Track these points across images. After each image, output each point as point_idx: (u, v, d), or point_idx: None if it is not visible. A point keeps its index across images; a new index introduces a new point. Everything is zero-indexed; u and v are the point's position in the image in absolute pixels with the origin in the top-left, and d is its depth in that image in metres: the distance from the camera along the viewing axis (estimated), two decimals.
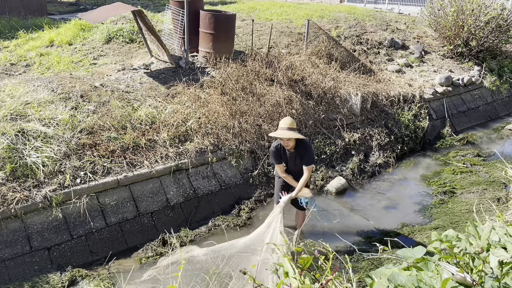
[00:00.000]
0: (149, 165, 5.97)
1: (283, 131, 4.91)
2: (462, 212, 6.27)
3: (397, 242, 5.09)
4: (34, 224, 5.03)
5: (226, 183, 6.55)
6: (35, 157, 5.38)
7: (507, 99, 11.72)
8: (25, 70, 8.81)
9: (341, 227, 5.99)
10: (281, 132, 4.92)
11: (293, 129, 4.95)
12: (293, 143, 5.01)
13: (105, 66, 8.80)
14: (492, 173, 7.55)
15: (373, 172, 7.67)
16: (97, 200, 5.48)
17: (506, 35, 11.88)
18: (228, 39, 8.77)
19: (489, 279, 1.72)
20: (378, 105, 8.91)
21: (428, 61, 11.69)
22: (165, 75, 8.21)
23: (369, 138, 8.17)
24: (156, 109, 6.89)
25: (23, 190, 5.08)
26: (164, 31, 9.61)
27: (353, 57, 10.30)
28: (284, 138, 4.91)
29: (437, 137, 9.37)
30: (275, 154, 5.15)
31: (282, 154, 5.16)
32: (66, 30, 10.68)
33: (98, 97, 6.86)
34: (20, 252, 4.85)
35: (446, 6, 11.85)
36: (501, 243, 1.87)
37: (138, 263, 5.10)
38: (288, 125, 4.92)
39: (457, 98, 10.59)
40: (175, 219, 5.86)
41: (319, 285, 1.68)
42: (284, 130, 4.92)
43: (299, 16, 12.78)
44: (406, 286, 1.58)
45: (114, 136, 6.13)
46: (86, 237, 5.26)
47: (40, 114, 6.10)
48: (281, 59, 8.77)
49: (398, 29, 13.09)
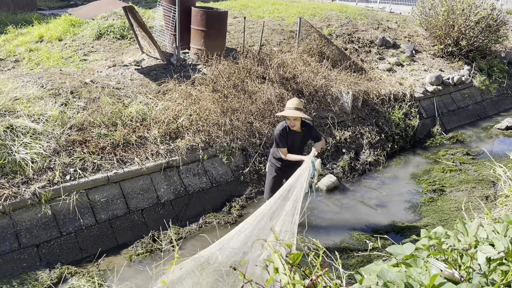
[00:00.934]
0: (140, 162, 5.94)
1: (290, 110, 4.98)
2: (451, 210, 6.34)
3: (386, 239, 5.13)
4: (23, 221, 4.98)
5: (217, 180, 6.55)
6: (24, 154, 5.33)
7: (496, 98, 11.83)
8: (14, 66, 8.72)
9: (331, 224, 6.02)
10: (289, 111, 4.99)
11: (300, 109, 5.02)
12: (299, 123, 5.10)
13: (95, 62, 8.73)
14: (481, 171, 7.63)
15: (363, 170, 7.71)
16: (87, 197, 5.44)
17: (496, 35, 11.99)
18: (220, 36, 8.74)
19: (476, 275, 1.73)
20: (369, 104, 8.95)
21: (419, 60, 11.76)
22: (156, 72, 8.16)
23: (360, 136, 8.21)
24: (147, 106, 6.85)
25: (11, 187, 5.03)
26: (156, 27, 9.56)
27: (345, 56, 10.33)
28: (291, 117, 4.98)
29: (427, 136, 9.44)
30: (282, 137, 5.16)
31: (287, 137, 5.19)
32: (56, 26, 10.57)
33: (88, 93, 6.80)
34: (8, 249, 4.80)
35: (437, 5, 11.93)
36: (489, 240, 1.89)
37: (128, 260, 5.08)
38: (296, 105, 5.00)
39: (447, 97, 10.68)
40: (166, 216, 5.83)
41: (309, 281, 1.68)
42: (291, 109, 4.99)
43: (291, 14, 12.78)
44: (395, 282, 1.59)
45: (104, 132, 6.09)
46: (75, 234, 5.22)
47: (30, 110, 6.04)
48: (272, 57, 8.77)
49: (389, 28, 13.15)
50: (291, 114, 4.96)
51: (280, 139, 5.17)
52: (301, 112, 5.01)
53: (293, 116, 4.97)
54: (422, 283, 1.59)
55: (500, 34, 12.11)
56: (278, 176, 5.51)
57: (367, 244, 5.29)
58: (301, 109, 5.04)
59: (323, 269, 1.75)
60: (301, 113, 4.98)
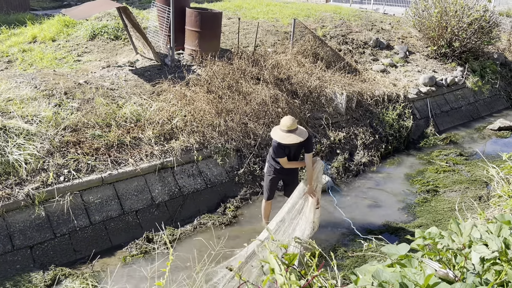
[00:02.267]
0: (134, 163, 5.92)
1: (283, 136, 5.07)
2: (445, 210, 6.37)
3: (381, 239, 5.15)
4: (16, 222, 4.95)
5: (212, 181, 6.54)
6: (17, 155, 5.30)
7: (488, 99, 11.92)
8: (7, 67, 8.65)
9: (326, 225, 6.03)
10: (281, 137, 5.07)
11: (293, 130, 5.08)
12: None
13: (89, 63, 8.69)
14: (474, 172, 7.68)
15: (357, 171, 7.73)
16: (81, 198, 5.42)
17: (488, 37, 12.08)
18: (214, 37, 8.74)
19: (470, 275, 1.75)
20: (363, 105, 8.98)
21: (412, 61, 11.82)
22: (150, 73, 8.14)
23: (354, 137, 8.23)
24: (141, 106, 6.83)
25: (4, 188, 5.00)
26: (150, 28, 9.54)
27: (339, 57, 10.36)
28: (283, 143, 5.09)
29: (420, 137, 9.49)
30: (279, 149, 5.24)
31: (285, 148, 5.26)
32: (50, 26, 10.51)
33: (82, 94, 6.77)
34: (2, 251, 4.77)
35: (430, 7, 11.99)
36: (483, 239, 1.90)
37: (123, 262, 5.06)
38: (288, 127, 5.06)
39: (441, 98, 10.74)
40: (160, 218, 5.82)
41: (305, 281, 1.69)
42: (284, 133, 5.07)
43: (285, 15, 12.81)
44: (390, 282, 1.60)
45: (98, 133, 6.07)
46: (69, 235, 5.20)
47: (23, 111, 6.01)
48: (267, 58, 8.78)
49: (383, 29, 13.21)
50: (284, 142, 5.06)
51: (278, 151, 5.27)
52: (294, 134, 5.06)
53: (286, 143, 5.07)
54: (417, 283, 1.60)
55: (492, 35, 12.20)
56: (276, 177, 5.64)
57: (361, 244, 5.32)
58: (295, 129, 5.10)
59: (319, 270, 1.76)
60: (295, 136, 5.04)
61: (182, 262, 4.71)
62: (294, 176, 5.73)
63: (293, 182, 5.60)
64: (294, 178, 5.72)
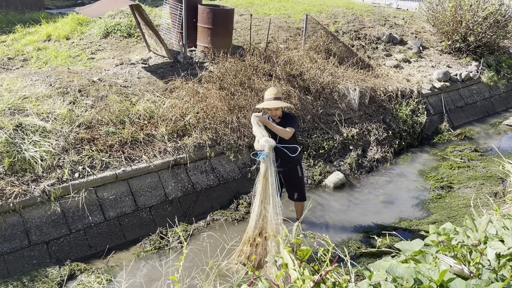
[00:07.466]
0: (148, 159, 5.97)
1: (270, 101, 5.14)
2: (460, 207, 6.30)
3: (395, 236, 5.12)
4: (33, 218, 5.03)
5: (225, 177, 6.56)
6: (33, 152, 5.38)
7: (504, 94, 11.74)
8: (22, 65, 8.78)
9: (339, 221, 6.02)
10: (268, 102, 5.14)
11: (279, 98, 5.19)
12: (280, 112, 5.23)
13: (103, 61, 8.77)
14: (490, 168, 7.58)
15: (371, 167, 7.69)
16: (96, 194, 5.48)
17: (504, 31, 11.89)
18: (226, 33, 8.75)
19: (486, 271, 1.73)
20: (376, 100, 8.91)
21: (426, 57, 11.69)
22: (163, 70, 8.19)
23: (367, 133, 8.18)
24: (154, 103, 6.88)
25: (21, 185, 5.08)
26: (162, 25, 9.58)
27: (351, 52, 10.30)
28: (272, 108, 5.11)
29: (434, 132, 9.39)
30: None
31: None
32: (64, 25, 10.62)
33: (96, 91, 6.84)
34: (19, 246, 4.85)
35: (444, 1, 11.85)
36: (498, 235, 1.88)
37: (137, 257, 5.11)
38: (274, 95, 5.16)
39: (455, 94, 10.61)
40: (174, 214, 5.86)
41: (318, 276, 1.69)
42: (270, 100, 5.14)
43: (297, 11, 12.75)
44: (404, 278, 1.59)
45: (112, 130, 6.12)
46: (84, 231, 5.26)
47: (38, 108, 6.09)
48: (279, 54, 8.76)
49: (396, 24, 13.08)
50: (271, 106, 5.09)
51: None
52: (281, 101, 5.17)
53: (274, 106, 5.10)
54: (431, 279, 1.59)
55: (508, 29, 12.00)
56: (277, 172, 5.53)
57: (375, 240, 5.30)
58: (279, 97, 5.20)
59: (333, 265, 1.76)
60: (281, 102, 5.14)
61: (195, 257, 4.75)
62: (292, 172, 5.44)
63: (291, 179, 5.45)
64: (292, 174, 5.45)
